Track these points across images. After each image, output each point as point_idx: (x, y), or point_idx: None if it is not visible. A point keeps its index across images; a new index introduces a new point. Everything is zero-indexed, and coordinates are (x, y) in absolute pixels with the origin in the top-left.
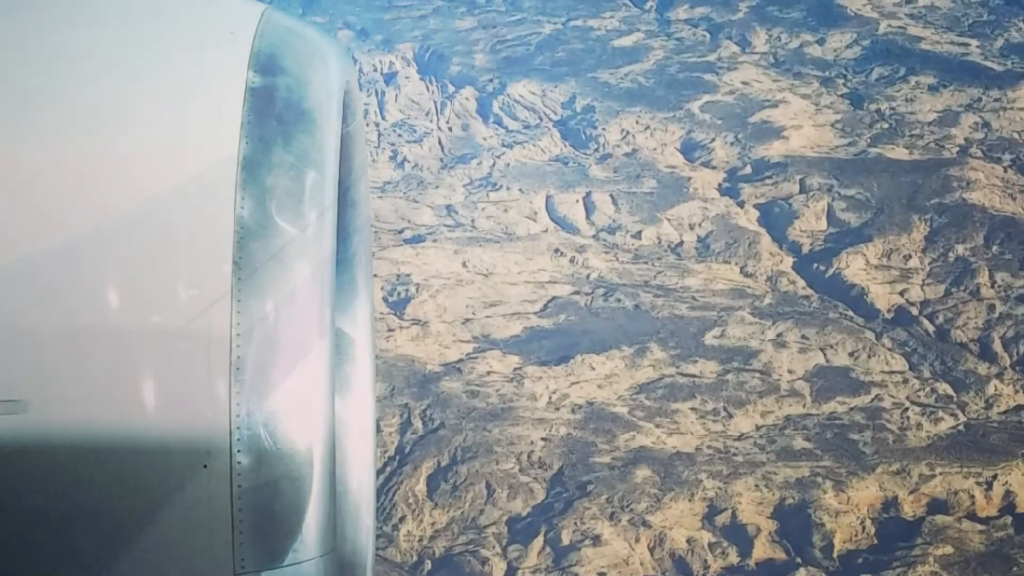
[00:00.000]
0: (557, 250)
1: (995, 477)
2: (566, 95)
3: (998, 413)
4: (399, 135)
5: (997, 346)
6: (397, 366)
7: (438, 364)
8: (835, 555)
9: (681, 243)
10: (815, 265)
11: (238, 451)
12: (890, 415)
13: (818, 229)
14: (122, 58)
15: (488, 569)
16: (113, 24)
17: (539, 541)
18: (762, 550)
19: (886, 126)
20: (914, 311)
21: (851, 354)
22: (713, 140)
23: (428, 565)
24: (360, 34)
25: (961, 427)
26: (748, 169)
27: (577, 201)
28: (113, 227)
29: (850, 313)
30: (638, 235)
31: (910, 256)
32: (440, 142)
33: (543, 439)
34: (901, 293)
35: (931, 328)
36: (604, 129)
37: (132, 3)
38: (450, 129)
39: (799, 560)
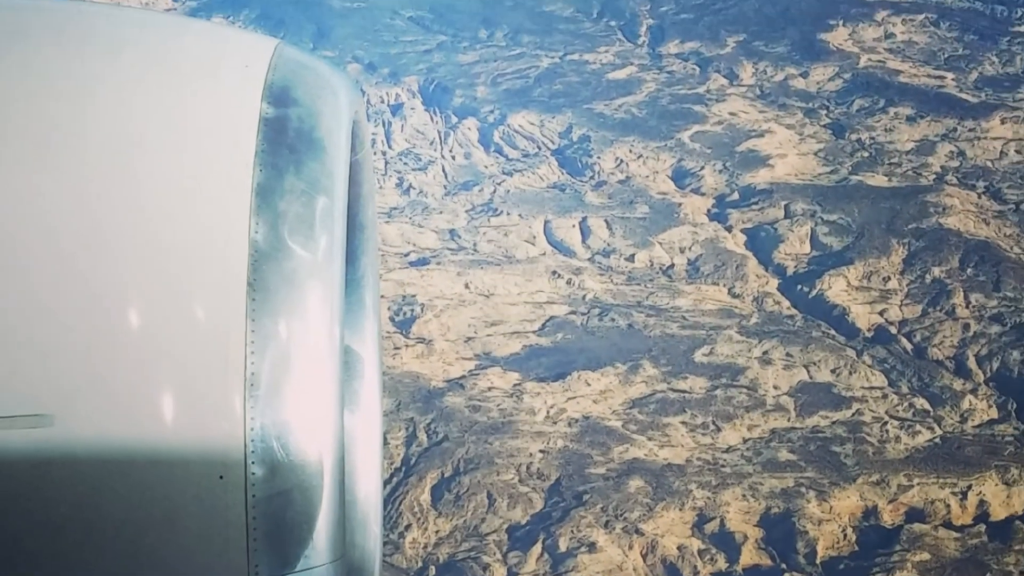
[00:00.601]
0: (555, 272)
1: (970, 487)
2: (563, 125)
3: (972, 427)
4: (405, 163)
5: (972, 363)
6: (403, 382)
7: (442, 380)
8: (818, 561)
9: (672, 266)
10: (799, 286)
11: (252, 463)
12: (870, 428)
13: (802, 252)
14: (143, 90)
15: (489, 575)
16: (134, 57)
17: (537, 548)
18: (749, 557)
19: (866, 155)
20: (893, 330)
21: (833, 371)
22: (702, 168)
23: (432, 571)
24: (368, 67)
25: (937, 440)
26: (736, 195)
27: (573, 226)
28: (133, 251)
29: (832, 332)
30: (631, 258)
31: (889, 278)
32: (444, 170)
33: (541, 451)
34: (880, 313)
35: (909, 346)
36: (599, 158)
37: (153, 37)
38: (453, 158)
39: (784, 566)
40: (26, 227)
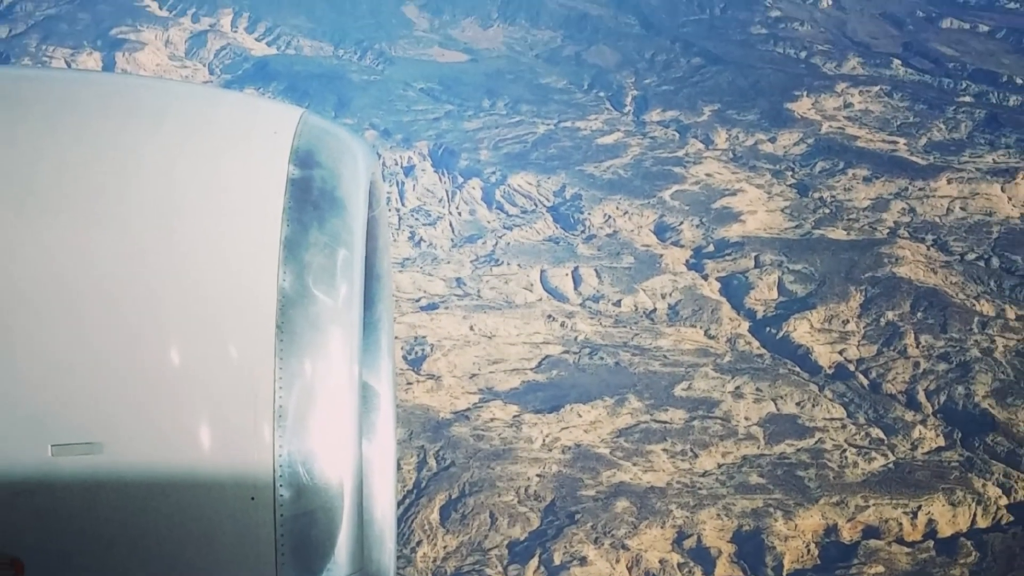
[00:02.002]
0: (550, 316)
1: (919, 508)
2: (557, 185)
3: (922, 454)
4: (416, 219)
5: (921, 397)
6: (415, 414)
7: (449, 412)
8: (785, 573)
9: (654, 310)
10: (768, 328)
11: (280, 486)
12: (831, 455)
13: (770, 298)
14: (183, 154)
15: None
16: (175, 125)
17: (535, 562)
18: (723, 569)
19: (827, 211)
20: (851, 367)
21: (798, 404)
22: (681, 223)
23: None
24: (383, 133)
25: (891, 465)
26: (711, 247)
27: (567, 274)
28: (175, 297)
29: (797, 369)
30: (618, 303)
31: (848, 321)
32: (451, 225)
33: (538, 475)
34: (840, 352)
35: (865, 382)
36: (589, 214)
37: (192, 107)
38: (459, 214)
39: None
40: (80, 277)
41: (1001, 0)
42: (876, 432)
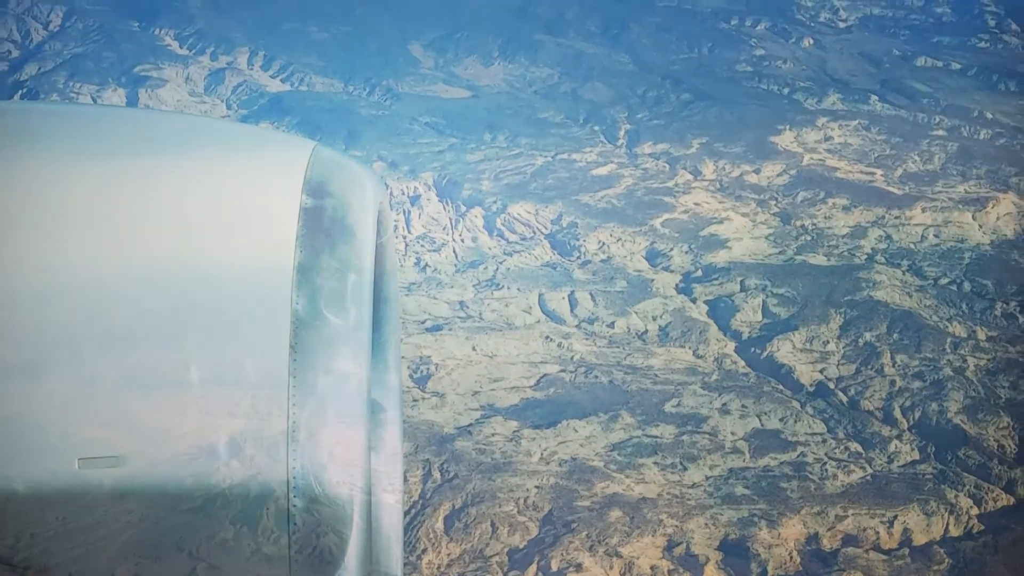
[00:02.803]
0: (547, 337)
1: (895, 517)
2: (555, 214)
3: (898, 466)
4: (422, 245)
5: (897, 413)
6: (420, 429)
7: (453, 427)
8: None
9: (646, 331)
10: (752, 349)
11: (294, 496)
12: (812, 468)
13: (755, 320)
14: (203, 183)
15: None
16: (195, 155)
17: (533, 568)
18: (711, 575)
19: (809, 238)
20: (831, 385)
21: (781, 419)
22: (672, 249)
23: None
24: (391, 165)
25: (869, 478)
26: (699, 272)
27: (563, 298)
28: (194, 319)
29: (780, 387)
30: (612, 325)
31: (828, 341)
32: (454, 251)
33: (536, 487)
34: (821, 371)
35: (845, 399)
36: (585, 241)
37: (210, 139)
38: (462, 240)
39: None
40: (105, 300)
41: (972, 40)
42: (855, 446)
